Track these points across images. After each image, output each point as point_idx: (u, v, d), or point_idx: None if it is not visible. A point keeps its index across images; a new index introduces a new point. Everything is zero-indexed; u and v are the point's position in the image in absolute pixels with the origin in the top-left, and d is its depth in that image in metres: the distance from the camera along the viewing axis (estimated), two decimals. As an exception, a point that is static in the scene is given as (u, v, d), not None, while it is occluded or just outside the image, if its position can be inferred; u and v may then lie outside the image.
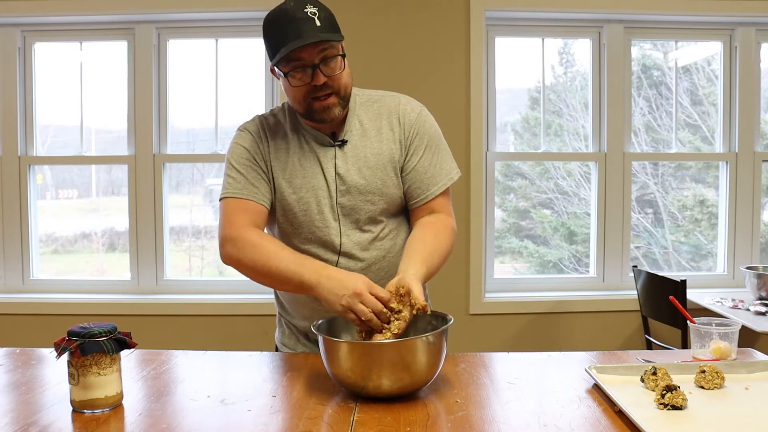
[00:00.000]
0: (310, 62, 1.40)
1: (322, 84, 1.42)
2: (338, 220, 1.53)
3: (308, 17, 1.39)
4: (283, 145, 1.54)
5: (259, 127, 1.57)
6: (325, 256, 1.53)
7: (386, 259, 1.57)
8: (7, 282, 3.26)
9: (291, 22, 1.38)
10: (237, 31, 3.22)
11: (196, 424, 1.15)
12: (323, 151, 1.53)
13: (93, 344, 1.18)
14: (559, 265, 3.45)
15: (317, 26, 1.39)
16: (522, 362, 1.52)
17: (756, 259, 3.31)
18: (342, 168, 1.52)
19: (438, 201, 1.57)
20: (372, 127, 1.55)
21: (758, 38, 3.26)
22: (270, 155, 1.54)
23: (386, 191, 1.54)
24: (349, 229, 1.54)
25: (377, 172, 1.53)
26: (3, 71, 3.19)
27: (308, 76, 1.41)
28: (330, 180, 1.52)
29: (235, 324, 3.14)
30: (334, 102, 1.45)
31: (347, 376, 1.23)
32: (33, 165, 3.26)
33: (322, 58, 1.41)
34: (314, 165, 1.52)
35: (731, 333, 1.45)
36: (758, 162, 3.29)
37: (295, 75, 1.42)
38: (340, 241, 1.53)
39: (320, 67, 1.41)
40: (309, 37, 1.37)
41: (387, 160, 1.54)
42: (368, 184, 1.52)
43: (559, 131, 3.38)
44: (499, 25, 3.21)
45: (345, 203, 1.52)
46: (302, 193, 1.52)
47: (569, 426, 1.12)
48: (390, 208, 1.57)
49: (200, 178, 3.46)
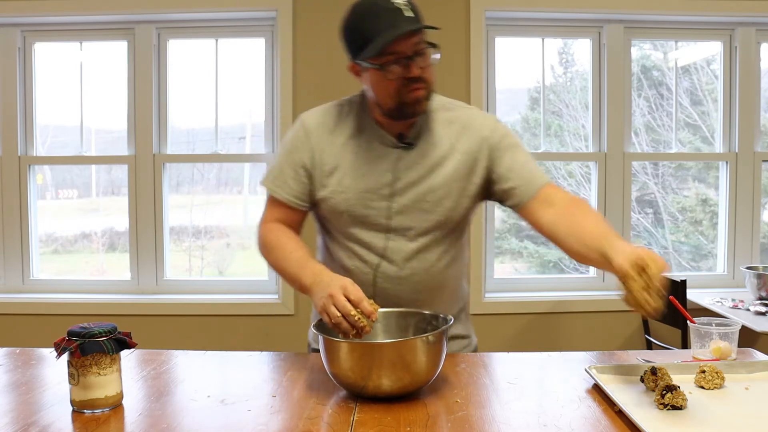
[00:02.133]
0: (405, 54, 1.36)
1: (416, 77, 1.38)
2: (388, 224, 1.49)
3: (398, 8, 1.35)
4: (339, 142, 1.50)
5: (318, 121, 1.53)
6: (367, 258, 1.51)
7: (428, 272, 1.52)
8: (7, 282, 3.26)
9: (382, 14, 1.35)
10: (237, 31, 3.22)
11: (196, 424, 1.15)
12: (385, 152, 1.48)
13: (93, 344, 1.18)
14: (559, 265, 3.45)
15: (408, 17, 1.35)
16: (522, 362, 1.51)
17: (756, 259, 3.31)
18: (402, 172, 1.47)
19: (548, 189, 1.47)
20: (443, 135, 1.49)
21: (758, 38, 3.26)
22: (323, 152, 1.50)
23: (444, 203, 1.48)
24: (397, 235, 1.50)
25: (439, 181, 1.47)
26: (3, 71, 3.19)
27: (402, 68, 1.37)
28: (385, 183, 1.47)
29: (235, 324, 3.14)
30: (424, 94, 1.41)
31: (347, 376, 1.23)
32: (33, 165, 3.26)
33: (416, 49, 1.37)
34: (371, 166, 1.48)
35: (731, 333, 1.45)
36: (758, 162, 3.29)
37: (388, 68, 1.37)
38: (385, 245, 1.51)
39: (414, 59, 1.37)
40: (405, 26, 1.33)
41: (451, 171, 1.48)
42: (427, 194, 1.47)
43: (559, 131, 3.38)
44: (499, 25, 3.21)
45: (398, 209, 1.48)
46: (350, 194, 1.48)
47: (569, 426, 1.12)
48: (445, 223, 1.50)
49: (200, 178, 3.46)
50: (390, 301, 1.50)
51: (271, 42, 3.18)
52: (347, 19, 1.41)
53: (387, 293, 1.52)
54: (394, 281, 1.52)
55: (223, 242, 3.53)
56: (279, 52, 3.06)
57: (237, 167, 3.46)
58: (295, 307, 3.11)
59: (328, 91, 3.08)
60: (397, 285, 1.52)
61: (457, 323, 1.67)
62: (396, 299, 1.51)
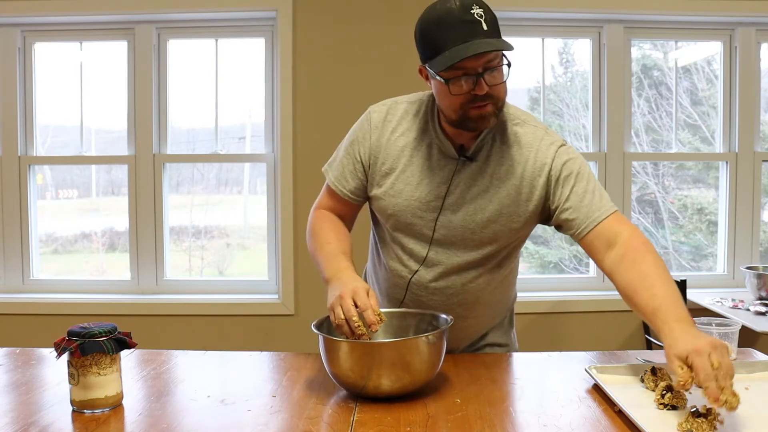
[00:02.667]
0: (474, 71, 1.29)
1: (484, 94, 1.32)
2: (431, 236, 1.46)
3: (475, 20, 1.27)
4: (400, 143, 1.47)
5: (383, 117, 1.49)
6: (408, 263, 1.51)
7: (464, 288, 1.50)
8: (7, 282, 3.26)
9: (457, 25, 1.27)
10: (237, 31, 3.22)
11: (196, 424, 1.15)
12: (443, 162, 1.44)
13: (93, 344, 1.18)
14: (559, 266, 3.45)
15: (484, 30, 1.28)
16: (522, 362, 1.51)
17: (756, 259, 3.31)
18: (456, 186, 1.43)
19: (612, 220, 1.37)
20: (505, 154, 1.43)
21: (758, 38, 3.26)
22: (381, 151, 1.48)
23: (491, 226, 1.43)
24: (440, 247, 1.47)
25: (490, 203, 1.42)
26: (3, 71, 3.19)
27: (470, 85, 1.31)
28: (437, 195, 1.43)
29: (235, 324, 3.14)
30: (491, 111, 1.34)
31: (347, 375, 1.23)
32: (33, 165, 3.26)
33: (487, 66, 1.30)
34: (426, 175, 1.44)
35: (731, 333, 1.45)
36: (758, 162, 3.29)
37: (455, 83, 1.31)
38: (426, 255, 1.48)
39: (484, 77, 1.30)
40: (477, 46, 1.26)
41: (504, 195, 1.42)
42: (478, 212, 1.43)
43: (559, 131, 3.38)
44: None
45: (444, 223, 1.45)
46: (400, 199, 1.46)
47: (569, 426, 1.11)
48: (488, 244, 1.45)
49: (200, 178, 3.46)
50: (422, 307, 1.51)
51: (271, 42, 3.18)
52: (422, 22, 1.34)
53: (419, 300, 1.52)
54: (427, 290, 1.51)
55: (223, 242, 3.53)
56: (279, 52, 3.06)
57: (237, 167, 3.46)
58: (295, 307, 3.11)
59: (328, 91, 3.09)
60: (431, 294, 1.51)
61: (497, 330, 1.65)
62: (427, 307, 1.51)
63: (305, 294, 3.10)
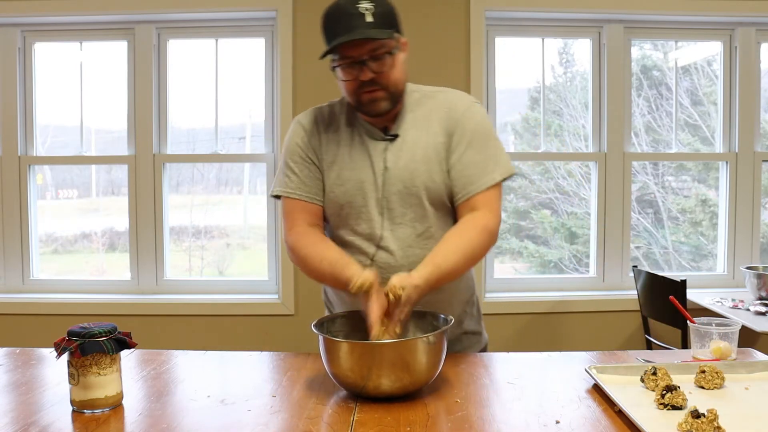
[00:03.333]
0: (358, 58, 1.42)
1: (369, 80, 1.44)
2: (383, 214, 1.53)
3: (360, 12, 1.40)
4: (334, 137, 1.57)
5: (312, 120, 1.60)
6: (367, 249, 1.54)
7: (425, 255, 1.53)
8: (7, 282, 3.26)
9: (342, 17, 1.41)
10: (237, 31, 3.22)
11: (196, 424, 1.15)
12: (374, 144, 1.54)
13: (93, 344, 1.18)
14: (559, 265, 3.45)
15: (368, 22, 1.40)
16: (522, 362, 1.52)
17: (756, 259, 3.31)
18: (390, 162, 1.52)
19: (479, 198, 1.52)
20: (423, 122, 1.55)
21: (758, 38, 3.26)
22: (321, 148, 1.57)
23: (432, 186, 1.52)
24: (392, 224, 1.53)
25: (423, 166, 1.52)
26: (3, 71, 3.19)
27: (356, 72, 1.44)
28: (378, 173, 1.52)
29: (235, 324, 3.14)
30: (381, 96, 1.46)
31: (347, 375, 1.23)
32: (33, 165, 3.26)
33: (371, 54, 1.42)
34: (364, 158, 1.54)
35: (731, 333, 1.45)
36: (758, 162, 3.29)
37: (344, 70, 1.45)
38: (381, 234, 1.53)
39: (368, 64, 1.42)
40: (354, 35, 1.39)
41: (433, 154, 1.53)
42: (414, 179, 1.51)
43: (559, 131, 3.38)
44: (499, 25, 3.21)
45: (390, 197, 1.52)
46: (349, 186, 1.53)
47: (569, 426, 1.12)
48: (436, 205, 1.54)
49: (200, 178, 3.47)
50: None
51: (271, 42, 3.18)
52: (321, 19, 1.46)
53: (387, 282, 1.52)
54: (393, 270, 1.52)
55: (223, 242, 3.53)
56: (279, 52, 3.06)
57: (237, 167, 3.46)
58: (295, 307, 3.11)
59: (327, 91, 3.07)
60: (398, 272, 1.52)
61: (468, 319, 1.67)
62: None
63: (305, 294, 3.10)
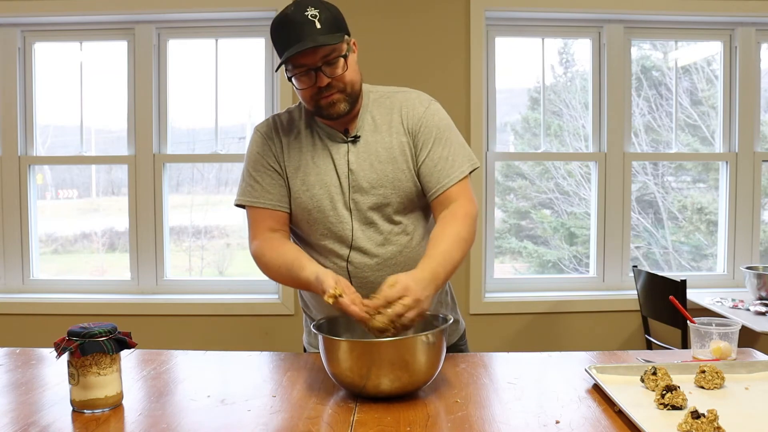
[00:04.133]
0: (313, 65, 1.43)
1: (326, 85, 1.44)
2: (351, 215, 1.54)
3: (308, 20, 1.41)
4: (296, 144, 1.57)
5: (272, 127, 1.59)
6: (340, 252, 1.54)
7: (402, 254, 1.56)
8: (7, 282, 3.26)
9: (291, 27, 1.42)
10: (237, 31, 3.22)
11: (196, 424, 1.15)
12: (336, 147, 1.54)
13: (93, 344, 1.18)
14: (559, 265, 3.45)
15: (317, 29, 1.40)
16: (522, 362, 1.52)
17: (756, 259, 3.31)
18: (354, 163, 1.53)
19: (454, 190, 1.54)
20: (383, 122, 1.56)
21: (758, 38, 3.26)
22: (283, 155, 1.57)
23: (399, 185, 1.53)
24: (363, 224, 1.54)
25: (389, 166, 1.53)
26: (3, 71, 3.19)
27: (312, 79, 1.44)
28: (342, 176, 1.53)
29: (235, 324, 3.14)
30: (339, 98, 1.47)
31: (346, 375, 1.23)
32: (33, 165, 3.26)
33: (324, 60, 1.43)
34: (327, 161, 1.54)
35: (731, 333, 1.45)
36: (758, 162, 3.29)
37: (299, 78, 1.45)
38: (352, 236, 1.53)
39: (322, 69, 1.43)
40: (306, 43, 1.39)
41: (398, 153, 1.54)
42: (380, 179, 1.52)
43: (559, 131, 3.38)
44: (499, 25, 3.21)
45: (358, 198, 1.53)
46: (315, 190, 1.53)
47: (569, 426, 1.12)
48: (405, 203, 1.56)
49: (200, 178, 3.46)
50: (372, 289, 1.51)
51: (271, 42, 3.17)
52: (270, 30, 1.49)
53: (366, 281, 1.54)
54: (369, 268, 1.54)
55: (223, 242, 3.53)
56: (279, 52, 3.06)
57: (237, 167, 3.46)
58: (295, 307, 3.11)
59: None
60: (375, 272, 1.54)
61: (443, 307, 1.68)
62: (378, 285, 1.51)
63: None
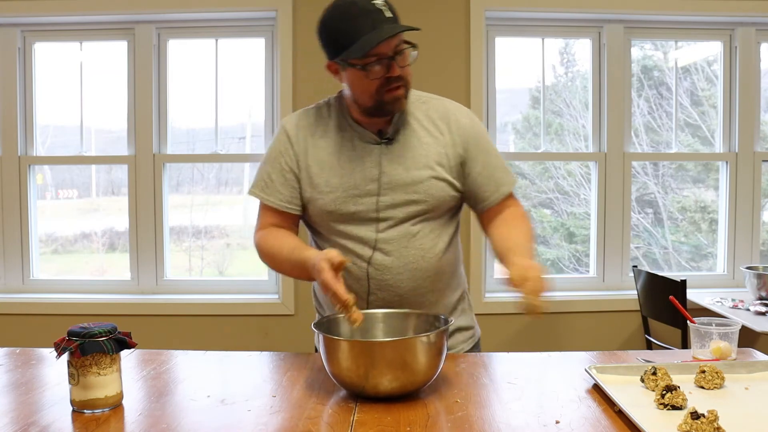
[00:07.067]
0: (386, 54, 1.41)
1: (396, 76, 1.43)
2: (378, 218, 1.52)
3: (378, 8, 1.39)
4: (322, 144, 1.55)
5: (298, 125, 1.58)
6: (362, 253, 1.53)
7: (425, 259, 1.54)
8: (7, 282, 3.26)
9: (363, 15, 1.39)
10: (237, 31, 3.22)
11: (196, 424, 1.15)
12: (368, 149, 1.52)
13: (93, 344, 1.18)
14: (559, 265, 3.45)
15: (388, 17, 1.40)
16: (522, 362, 1.51)
17: (756, 259, 3.31)
18: (387, 166, 1.51)
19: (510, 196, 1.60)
20: (420, 127, 1.54)
21: (758, 38, 3.26)
22: (306, 155, 1.55)
23: (431, 191, 1.52)
24: (388, 227, 1.52)
25: (425, 171, 1.51)
26: (3, 71, 3.19)
27: (384, 69, 1.42)
28: (371, 178, 1.51)
29: (235, 324, 3.14)
30: (403, 93, 1.47)
31: (346, 375, 1.23)
32: (33, 165, 3.26)
33: (397, 50, 1.42)
34: (355, 163, 1.52)
35: (731, 333, 1.45)
36: (758, 162, 3.29)
37: (371, 68, 1.42)
38: (376, 238, 1.52)
39: (395, 59, 1.42)
40: (388, 30, 1.38)
41: (434, 162, 1.52)
42: (413, 183, 1.51)
43: (560, 131, 3.38)
44: (499, 25, 3.21)
45: (387, 201, 1.51)
46: (339, 192, 1.51)
47: (569, 426, 1.11)
48: (434, 209, 1.54)
49: (200, 178, 3.46)
50: (389, 292, 1.52)
51: (271, 42, 3.18)
52: (326, 19, 1.45)
53: (385, 284, 1.53)
54: (390, 271, 1.53)
55: (223, 242, 3.53)
56: (279, 52, 3.06)
57: (237, 167, 3.46)
58: (295, 307, 3.11)
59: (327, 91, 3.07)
60: (396, 275, 1.53)
61: (461, 315, 1.67)
62: (396, 289, 1.53)
63: (305, 294, 3.10)
